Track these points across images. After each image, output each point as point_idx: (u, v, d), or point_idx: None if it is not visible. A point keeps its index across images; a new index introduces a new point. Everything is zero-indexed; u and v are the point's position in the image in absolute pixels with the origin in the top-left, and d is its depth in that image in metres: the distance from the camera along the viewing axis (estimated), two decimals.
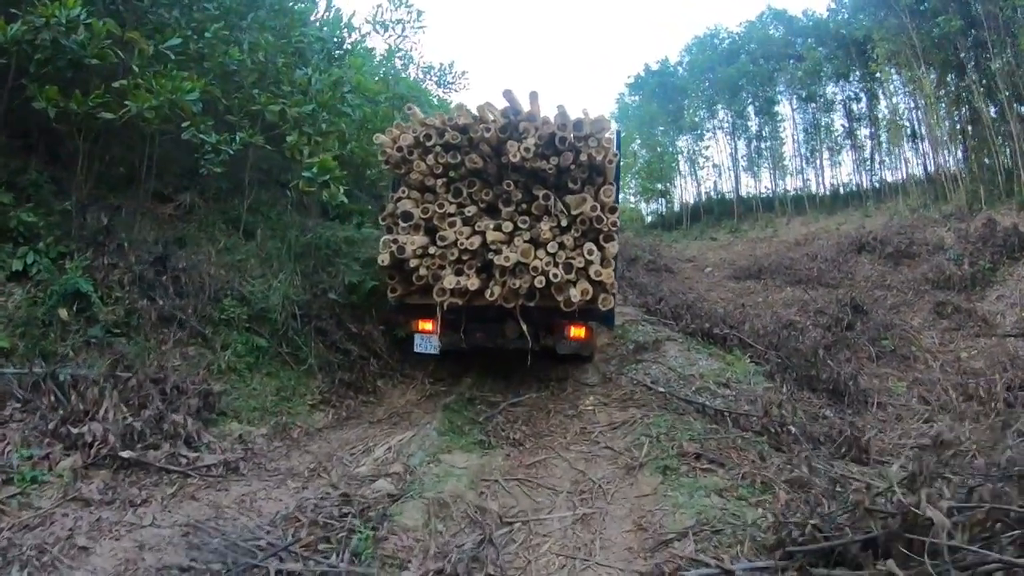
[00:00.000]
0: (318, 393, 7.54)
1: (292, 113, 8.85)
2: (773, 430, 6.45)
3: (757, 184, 33.58)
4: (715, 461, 5.33)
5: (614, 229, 7.03)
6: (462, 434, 6.48)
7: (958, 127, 22.58)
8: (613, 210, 7.07)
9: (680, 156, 36.32)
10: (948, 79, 22.60)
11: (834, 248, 19.72)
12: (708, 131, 35.18)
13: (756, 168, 33.31)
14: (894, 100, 26.56)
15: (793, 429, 6.28)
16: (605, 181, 7.25)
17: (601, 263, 6.91)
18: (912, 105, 25.64)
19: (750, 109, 32.65)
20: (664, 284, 16.18)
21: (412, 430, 6.50)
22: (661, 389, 7.45)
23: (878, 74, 25.31)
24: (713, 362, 8.72)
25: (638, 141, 35.30)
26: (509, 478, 5.39)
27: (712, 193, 35.62)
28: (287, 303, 8.09)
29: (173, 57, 7.62)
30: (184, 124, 7.61)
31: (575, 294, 6.70)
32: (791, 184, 31.87)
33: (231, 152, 7.93)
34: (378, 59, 13.21)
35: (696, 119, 34.53)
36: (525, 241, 6.91)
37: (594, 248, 6.88)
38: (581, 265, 6.84)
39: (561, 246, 6.91)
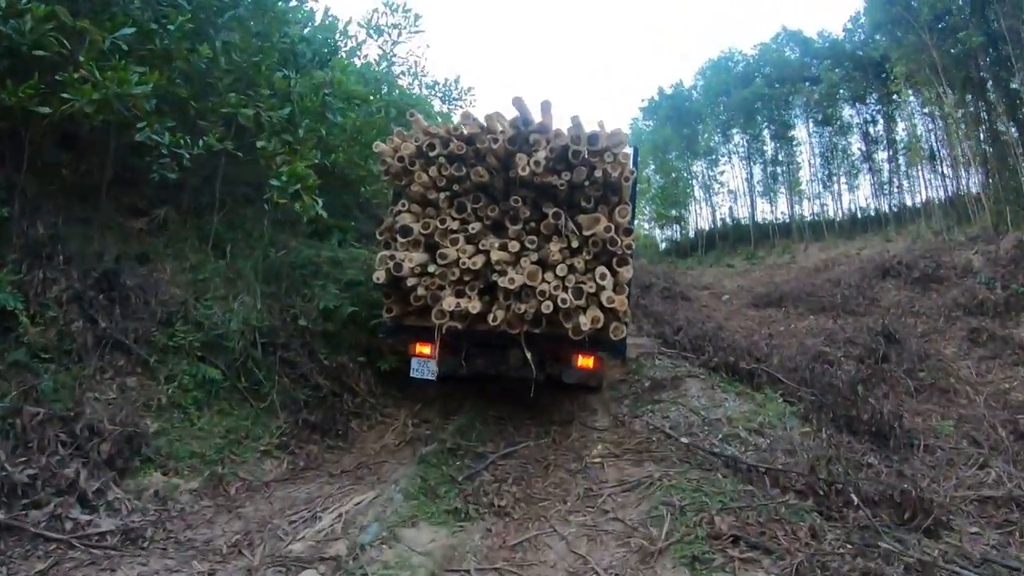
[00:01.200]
0: (276, 436, 6.19)
1: (267, 117, 7.76)
2: (821, 491, 5.09)
3: (773, 209, 32.73)
4: (758, 546, 3.93)
5: (629, 252, 6.30)
6: (435, 498, 5.05)
7: (981, 148, 21.32)
8: (628, 232, 6.34)
9: (695, 181, 35.52)
10: (967, 99, 21.38)
11: (857, 274, 18.52)
12: (723, 156, 34.46)
13: (772, 193, 32.41)
14: (913, 121, 25.40)
15: (855, 499, 4.85)
16: (620, 200, 6.54)
17: (614, 289, 6.13)
18: (931, 126, 24.68)
19: (765, 133, 31.91)
20: (681, 312, 14.78)
21: (377, 488, 5.14)
22: (684, 440, 6.03)
23: (895, 96, 24.23)
24: (742, 403, 7.29)
25: (652, 166, 34.69)
26: (485, 567, 3.99)
27: (727, 219, 34.83)
28: (247, 330, 6.80)
29: (126, 48, 6.62)
30: (140, 125, 6.61)
31: (585, 322, 5.90)
32: (808, 209, 31.09)
33: (187, 155, 6.87)
34: (376, 67, 12.00)
35: (711, 144, 33.67)
36: (532, 262, 6.23)
37: (607, 272, 6.13)
38: (592, 290, 6.06)
39: (571, 269, 6.19)
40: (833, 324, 14.05)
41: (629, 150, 6.70)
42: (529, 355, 6.18)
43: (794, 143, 30.90)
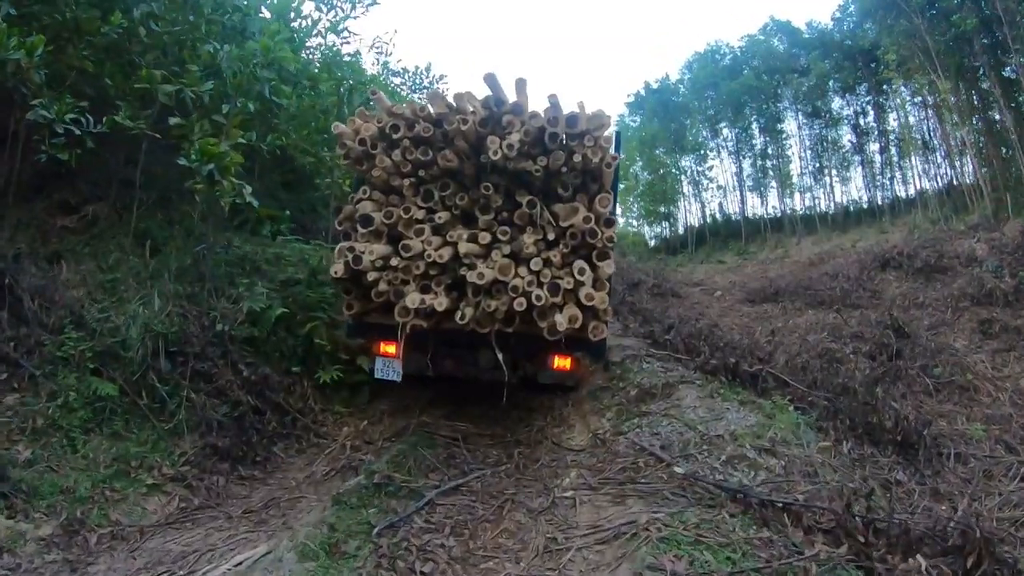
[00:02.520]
0: (177, 464, 4.92)
1: (190, 94, 6.57)
2: (858, 534, 3.82)
3: (764, 204, 31.51)
4: None
5: (610, 245, 5.72)
6: (339, 557, 3.61)
7: (975, 136, 20.29)
8: (609, 223, 5.72)
9: (683, 177, 34.34)
10: (960, 85, 20.29)
11: (855, 266, 17.25)
12: (711, 151, 33.12)
13: (762, 188, 31.19)
14: (905, 110, 24.41)
15: (916, 560, 3.57)
16: (601, 188, 5.89)
17: (593, 285, 5.52)
18: (923, 116, 23.72)
19: (754, 127, 30.68)
20: (672, 310, 13.53)
21: (276, 539, 3.82)
22: (678, 469, 4.67)
23: (886, 85, 23.35)
24: (747, 414, 5.91)
25: (640, 163, 33.54)
26: None
27: (717, 215, 33.75)
28: (150, 336, 5.53)
29: (16, 14, 5.73)
30: (33, 102, 5.74)
31: (561, 321, 5.29)
32: (799, 203, 29.88)
33: (78, 132, 5.80)
34: (323, 41, 10.76)
35: (699, 139, 32.40)
36: (504, 255, 5.63)
37: (585, 267, 5.50)
38: (569, 286, 5.45)
39: (546, 263, 5.59)
40: (835, 318, 12.86)
41: (611, 133, 5.96)
42: (501, 356, 5.56)
43: (784, 136, 29.73)
